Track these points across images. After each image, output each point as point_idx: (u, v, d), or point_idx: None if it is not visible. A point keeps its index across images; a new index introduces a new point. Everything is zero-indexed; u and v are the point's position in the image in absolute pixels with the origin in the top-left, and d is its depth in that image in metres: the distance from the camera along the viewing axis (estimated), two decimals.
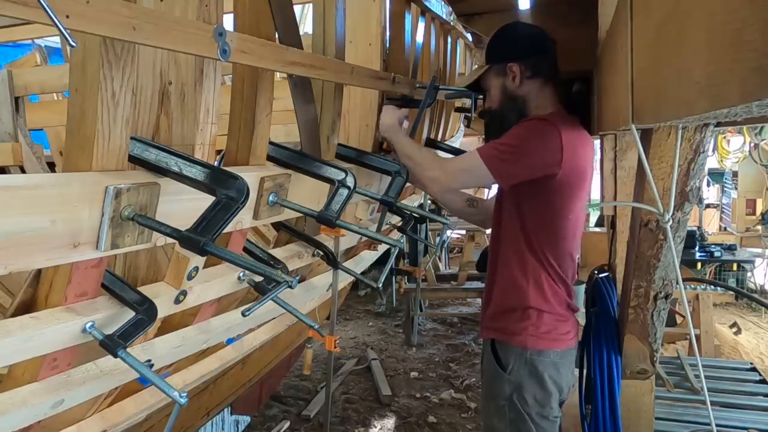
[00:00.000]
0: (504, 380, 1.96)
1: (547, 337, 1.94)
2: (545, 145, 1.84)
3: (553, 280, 1.96)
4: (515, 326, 1.96)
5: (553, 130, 1.84)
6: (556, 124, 1.86)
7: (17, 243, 0.94)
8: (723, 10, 0.59)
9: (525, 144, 1.86)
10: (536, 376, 1.93)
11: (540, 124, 1.89)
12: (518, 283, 1.96)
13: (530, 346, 1.93)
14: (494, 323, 2.04)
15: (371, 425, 4.45)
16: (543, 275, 1.95)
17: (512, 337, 1.96)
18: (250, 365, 3.04)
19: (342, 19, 1.90)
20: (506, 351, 1.97)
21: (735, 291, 6.98)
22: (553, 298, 1.95)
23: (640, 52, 1.09)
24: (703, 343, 5.11)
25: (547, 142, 1.84)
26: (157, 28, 1.03)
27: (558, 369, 1.95)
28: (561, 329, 1.96)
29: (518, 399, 1.94)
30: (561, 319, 1.97)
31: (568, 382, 2.01)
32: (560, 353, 1.95)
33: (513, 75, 1.97)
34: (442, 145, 3.11)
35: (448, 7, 3.18)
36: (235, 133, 1.52)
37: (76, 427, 1.46)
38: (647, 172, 1.31)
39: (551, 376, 1.93)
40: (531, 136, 1.87)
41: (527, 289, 1.94)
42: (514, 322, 1.97)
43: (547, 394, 1.94)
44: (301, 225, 2.03)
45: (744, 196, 8.78)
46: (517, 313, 1.96)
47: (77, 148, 1.09)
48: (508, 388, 1.95)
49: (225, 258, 1.16)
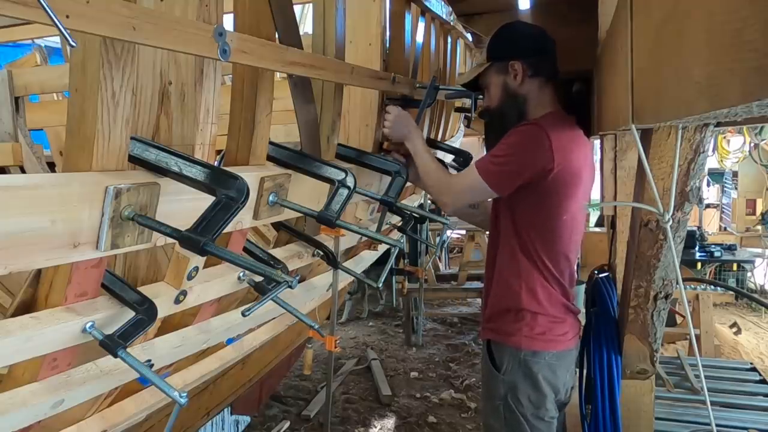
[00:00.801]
0: (498, 380, 1.97)
1: (542, 338, 1.94)
2: (535, 149, 1.85)
3: (548, 281, 1.96)
4: (510, 327, 1.96)
5: (540, 133, 1.85)
6: (544, 127, 1.87)
7: (17, 243, 0.94)
8: (723, 10, 0.59)
9: (516, 151, 1.89)
10: (530, 377, 1.92)
11: (529, 129, 1.90)
12: (512, 285, 1.97)
13: (524, 346, 1.93)
14: (490, 324, 2.05)
15: (371, 425, 4.45)
16: (537, 277, 1.95)
17: (507, 338, 1.97)
18: (250, 365, 3.04)
19: (342, 19, 1.90)
20: (501, 351, 1.98)
21: (735, 291, 6.98)
22: (547, 300, 1.95)
23: (640, 52, 1.09)
24: (703, 343, 5.11)
25: (537, 145, 1.85)
26: (157, 28, 1.03)
27: (554, 370, 1.94)
28: (557, 330, 1.96)
29: (512, 399, 1.94)
30: (556, 320, 1.96)
31: (565, 383, 2.01)
32: (556, 354, 1.95)
33: (515, 73, 1.97)
34: (442, 145, 3.11)
35: (448, 7, 3.18)
36: (235, 133, 1.52)
37: (76, 427, 1.46)
38: (647, 172, 1.31)
39: (546, 377, 1.93)
40: (520, 142, 1.89)
41: (520, 291, 1.95)
42: (508, 322, 1.97)
43: (542, 396, 1.93)
44: (301, 225, 2.03)
45: (744, 196, 8.79)
46: (511, 314, 1.97)
47: (77, 148, 1.09)
48: (502, 389, 1.96)
49: (225, 258, 1.16)
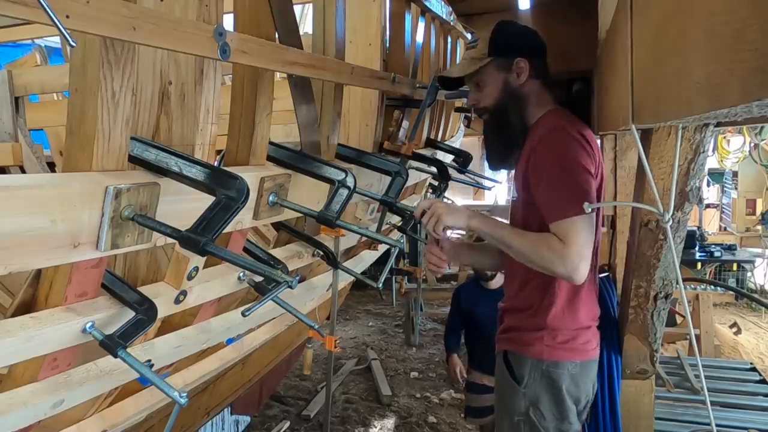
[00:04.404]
0: (518, 394, 1.83)
1: (565, 347, 1.81)
2: (586, 156, 1.70)
3: (578, 292, 1.82)
4: (529, 336, 1.83)
5: (577, 135, 1.71)
6: (578, 129, 1.74)
7: (17, 243, 0.94)
8: (723, 10, 0.59)
9: (573, 164, 1.69)
10: (553, 389, 1.80)
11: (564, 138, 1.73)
12: (541, 297, 1.82)
13: (546, 356, 1.80)
14: (508, 334, 1.92)
15: (371, 425, 4.45)
16: (568, 288, 1.80)
17: (527, 348, 1.84)
18: (250, 365, 3.04)
19: (342, 19, 1.90)
20: (520, 363, 1.84)
21: (735, 291, 6.98)
22: (576, 311, 1.83)
23: (640, 52, 1.09)
24: (703, 343, 5.11)
25: (582, 149, 1.70)
26: (157, 28, 1.03)
27: (576, 382, 1.82)
28: (580, 339, 1.84)
29: (534, 414, 1.81)
30: (580, 329, 1.84)
31: (587, 395, 1.88)
32: (578, 365, 1.82)
33: (519, 71, 1.85)
34: (442, 145, 3.11)
35: (448, 7, 3.18)
36: (235, 133, 1.52)
37: (76, 427, 1.46)
38: (647, 172, 1.31)
39: (568, 389, 1.81)
40: (570, 153, 1.70)
41: (551, 305, 1.81)
42: (528, 331, 1.84)
43: (566, 408, 1.81)
44: (301, 225, 2.03)
45: (744, 196, 8.79)
46: (531, 322, 1.84)
47: (77, 148, 1.09)
48: (523, 403, 1.82)
49: (225, 258, 1.16)
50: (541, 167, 1.72)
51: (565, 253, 1.61)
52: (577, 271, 1.61)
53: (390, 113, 2.63)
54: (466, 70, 1.91)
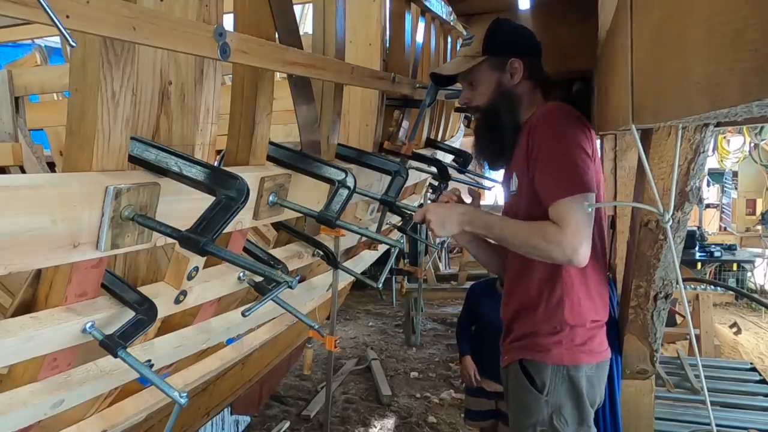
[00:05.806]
0: (541, 403, 1.76)
1: (583, 349, 1.76)
2: (580, 130, 1.68)
3: (590, 291, 1.78)
4: (546, 341, 1.76)
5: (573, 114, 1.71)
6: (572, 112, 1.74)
7: (17, 243, 0.94)
8: (723, 10, 0.59)
9: (569, 142, 1.66)
10: (575, 393, 1.75)
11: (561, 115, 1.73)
12: (551, 300, 1.76)
13: (567, 361, 1.74)
14: (521, 342, 1.84)
15: (371, 425, 4.45)
16: (580, 287, 1.76)
17: (546, 354, 1.76)
18: (250, 365, 3.04)
19: (342, 19, 1.91)
20: (540, 370, 1.77)
21: (735, 291, 6.98)
22: (589, 311, 1.77)
23: (640, 52, 1.09)
24: (703, 343, 5.12)
25: (578, 127, 1.70)
26: (157, 28, 1.03)
27: (592, 383, 1.78)
28: (596, 340, 1.79)
29: (558, 421, 1.75)
30: (593, 329, 1.79)
31: (601, 395, 1.84)
32: (593, 367, 1.78)
33: (513, 71, 1.82)
34: (442, 146, 3.11)
35: (448, 7, 3.18)
36: (235, 133, 1.52)
37: (76, 427, 1.46)
38: (647, 172, 1.31)
39: (587, 392, 1.76)
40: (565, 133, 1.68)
41: (562, 305, 1.75)
42: (544, 336, 1.77)
43: (586, 412, 1.77)
44: (301, 225, 2.03)
45: (744, 196, 8.80)
46: (547, 327, 1.77)
47: (77, 148, 1.09)
48: (546, 411, 1.75)
49: (225, 258, 1.16)
50: (537, 152, 1.69)
51: (560, 236, 1.56)
52: (577, 253, 1.55)
53: (390, 113, 2.63)
54: (460, 68, 1.88)
